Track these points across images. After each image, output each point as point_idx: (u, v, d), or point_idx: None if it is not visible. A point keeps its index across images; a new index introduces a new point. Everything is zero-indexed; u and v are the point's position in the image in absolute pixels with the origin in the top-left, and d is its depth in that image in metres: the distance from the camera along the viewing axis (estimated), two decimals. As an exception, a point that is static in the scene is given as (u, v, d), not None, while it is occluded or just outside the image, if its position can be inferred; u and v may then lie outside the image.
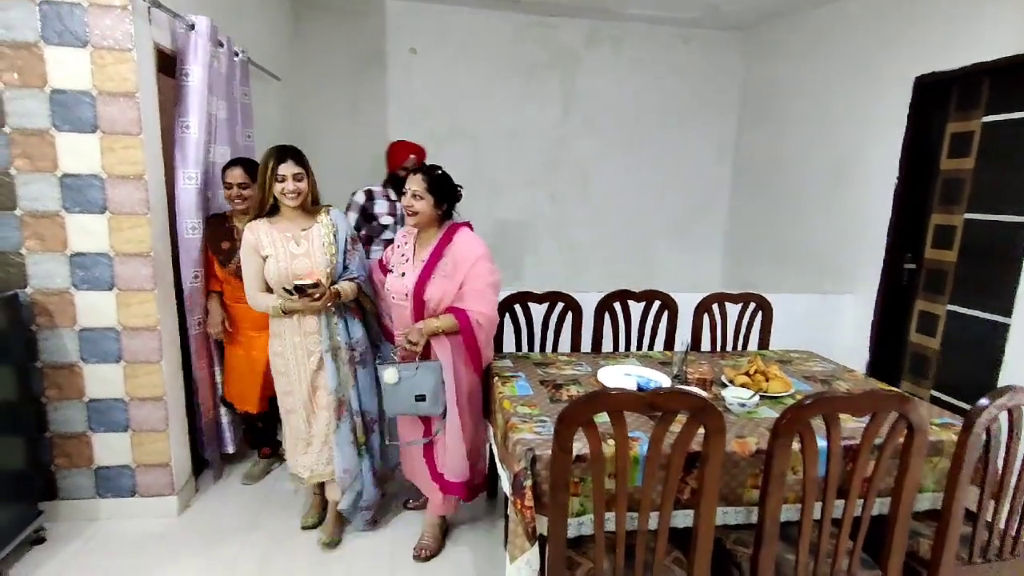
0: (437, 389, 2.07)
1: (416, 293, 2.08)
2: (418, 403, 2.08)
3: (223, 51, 2.61)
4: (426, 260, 2.10)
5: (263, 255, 2.08)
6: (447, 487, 2.19)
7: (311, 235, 2.13)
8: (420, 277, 2.08)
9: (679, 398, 1.33)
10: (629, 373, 2.16)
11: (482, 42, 4.53)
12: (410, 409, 2.10)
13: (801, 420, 1.34)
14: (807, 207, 4.15)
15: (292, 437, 2.26)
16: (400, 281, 2.13)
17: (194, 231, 2.42)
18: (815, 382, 2.20)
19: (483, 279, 2.07)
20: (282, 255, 2.08)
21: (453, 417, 2.12)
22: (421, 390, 2.06)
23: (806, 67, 4.17)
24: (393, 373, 2.04)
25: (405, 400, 2.08)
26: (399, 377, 2.04)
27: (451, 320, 2.04)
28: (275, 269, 2.07)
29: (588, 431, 1.33)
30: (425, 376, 2.06)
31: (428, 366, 2.06)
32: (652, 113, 4.84)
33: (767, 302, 2.76)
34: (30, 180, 2.12)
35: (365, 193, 2.96)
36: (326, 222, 2.16)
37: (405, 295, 2.11)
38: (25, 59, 2.04)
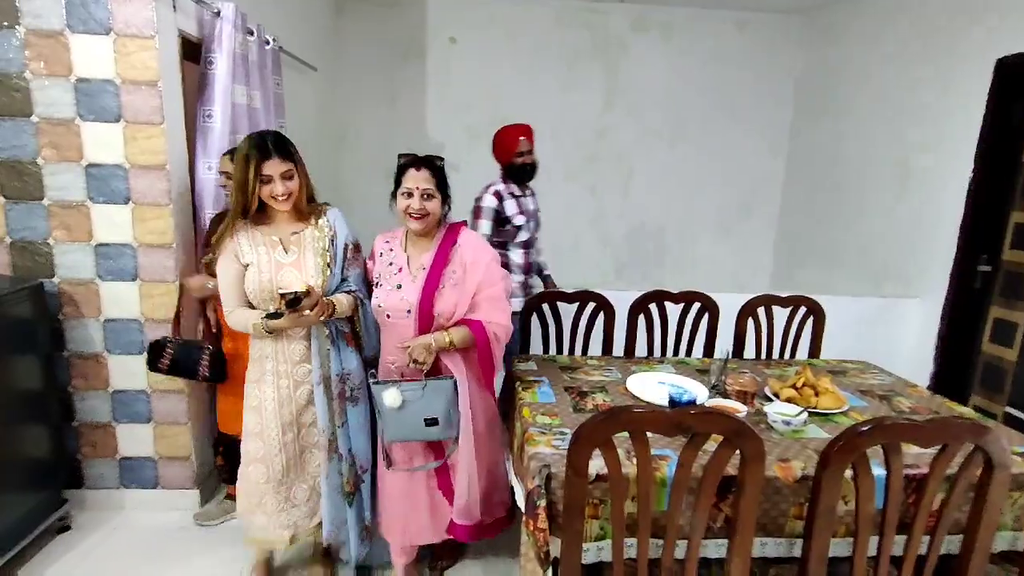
0: (450, 409, 1.75)
1: (423, 308, 1.77)
2: (429, 428, 1.74)
3: (253, 39, 2.57)
4: (428, 267, 1.80)
5: (243, 263, 1.73)
6: (450, 528, 1.89)
7: (303, 240, 1.78)
8: (426, 288, 1.78)
9: (711, 419, 1.17)
10: (662, 382, 2.00)
11: (523, 30, 4.39)
12: (419, 435, 1.78)
13: (856, 449, 1.16)
14: (868, 204, 3.84)
15: (251, 493, 1.83)
16: (397, 295, 1.79)
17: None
18: (872, 398, 1.98)
19: (498, 286, 1.83)
20: (265, 264, 1.73)
21: (467, 447, 1.80)
22: (432, 412, 1.73)
23: (870, 53, 3.85)
24: (395, 395, 1.69)
25: (411, 426, 1.75)
26: (403, 399, 1.71)
27: (465, 333, 1.77)
28: (256, 280, 1.72)
29: (606, 452, 1.19)
30: (435, 395, 1.72)
31: (438, 384, 1.73)
32: (700, 104, 4.59)
33: (819, 306, 2.53)
34: (57, 170, 2.12)
35: (494, 195, 2.58)
36: (322, 225, 1.81)
37: (407, 311, 1.78)
38: (52, 48, 2.03)
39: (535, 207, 2.73)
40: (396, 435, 1.78)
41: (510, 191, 2.62)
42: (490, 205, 2.57)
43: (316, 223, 1.81)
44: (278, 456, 1.81)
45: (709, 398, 1.86)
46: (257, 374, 1.80)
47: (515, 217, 2.59)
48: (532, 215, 2.68)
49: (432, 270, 1.80)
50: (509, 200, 2.59)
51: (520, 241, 2.63)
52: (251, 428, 1.81)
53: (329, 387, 1.81)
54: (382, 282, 1.85)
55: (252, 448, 1.82)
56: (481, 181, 4.55)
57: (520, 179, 2.64)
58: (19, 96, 2.05)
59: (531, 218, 2.66)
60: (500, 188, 2.61)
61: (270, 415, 1.79)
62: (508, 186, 2.63)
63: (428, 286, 1.78)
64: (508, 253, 2.63)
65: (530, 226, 2.65)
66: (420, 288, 1.78)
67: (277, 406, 1.79)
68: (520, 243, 2.63)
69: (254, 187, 1.66)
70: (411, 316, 1.78)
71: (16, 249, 2.17)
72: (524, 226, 2.61)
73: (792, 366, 2.29)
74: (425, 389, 1.72)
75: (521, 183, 2.66)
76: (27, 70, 2.04)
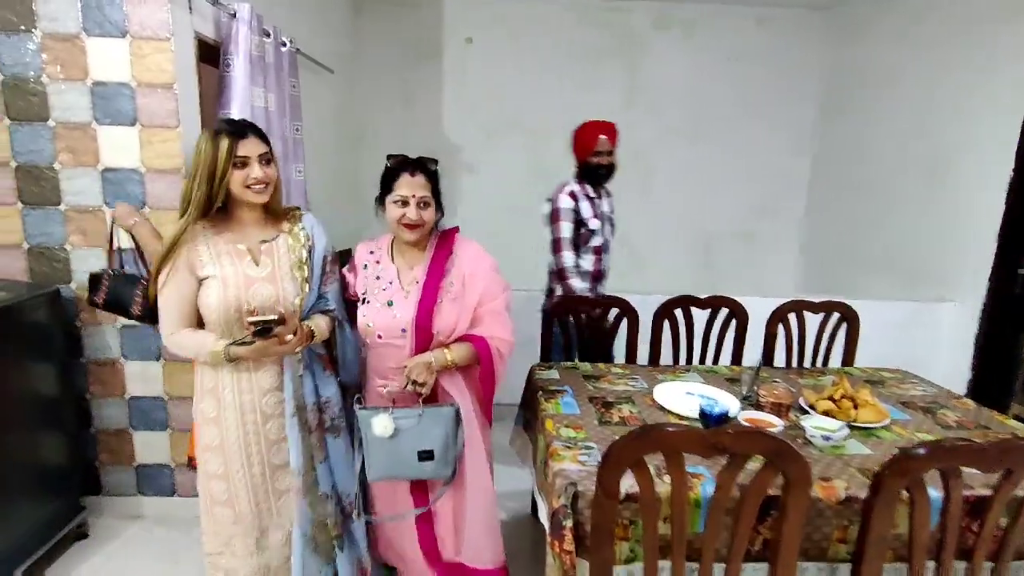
0: (448, 443, 1.56)
1: (420, 325, 1.58)
2: (423, 463, 1.54)
3: (269, 41, 2.53)
4: (423, 281, 1.62)
5: (200, 275, 1.44)
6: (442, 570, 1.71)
7: (275, 251, 1.51)
8: (422, 304, 1.59)
9: (751, 439, 1.09)
10: (691, 392, 1.92)
11: (541, 29, 4.32)
12: (410, 471, 1.57)
13: (911, 473, 1.08)
14: (899, 205, 3.70)
15: (218, 533, 1.58)
16: (388, 313, 1.60)
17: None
18: (914, 410, 1.87)
19: (501, 298, 1.67)
20: (232, 278, 1.44)
21: (481, 481, 1.65)
22: (427, 444, 1.53)
23: (901, 49, 3.71)
24: (386, 422, 1.50)
25: (403, 460, 1.54)
26: (395, 427, 1.50)
27: (467, 351, 1.60)
28: (221, 297, 1.43)
29: (638, 472, 1.12)
30: (433, 424, 1.54)
31: (438, 411, 1.55)
32: (722, 101, 4.48)
33: (853, 312, 2.43)
34: (74, 175, 2.10)
35: (570, 195, 2.46)
36: (298, 233, 1.55)
37: (401, 330, 1.59)
38: (68, 51, 2.01)
39: (610, 210, 2.63)
40: (383, 472, 1.58)
41: (584, 192, 2.50)
42: (567, 206, 2.45)
43: (291, 230, 1.55)
44: (246, 499, 1.55)
45: (741, 410, 1.78)
46: (213, 409, 1.51)
47: (590, 220, 2.47)
48: (606, 219, 2.57)
49: (428, 283, 1.62)
50: (584, 201, 2.48)
51: (592, 246, 2.50)
52: (212, 470, 1.54)
53: (304, 419, 1.55)
54: (369, 298, 1.64)
55: (216, 490, 1.55)
56: (497, 182, 4.51)
57: (594, 180, 2.52)
58: (36, 100, 2.03)
59: (605, 222, 2.55)
60: (575, 188, 2.50)
61: (234, 454, 1.52)
62: (583, 187, 2.52)
63: (424, 302, 1.60)
64: (578, 259, 2.51)
65: (604, 231, 2.54)
66: (416, 304, 1.60)
67: (243, 445, 1.52)
68: (592, 248, 2.51)
69: (225, 172, 1.37)
70: (406, 335, 1.60)
71: (33, 255, 2.15)
72: (598, 231, 2.49)
73: (826, 375, 2.19)
74: (422, 417, 1.54)
75: (596, 184, 2.54)
76: (44, 74, 2.02)
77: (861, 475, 1.43)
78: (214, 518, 1.58)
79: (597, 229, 2.49)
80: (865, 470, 1.46)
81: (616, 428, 1.67)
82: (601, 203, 2.56)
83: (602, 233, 2.52)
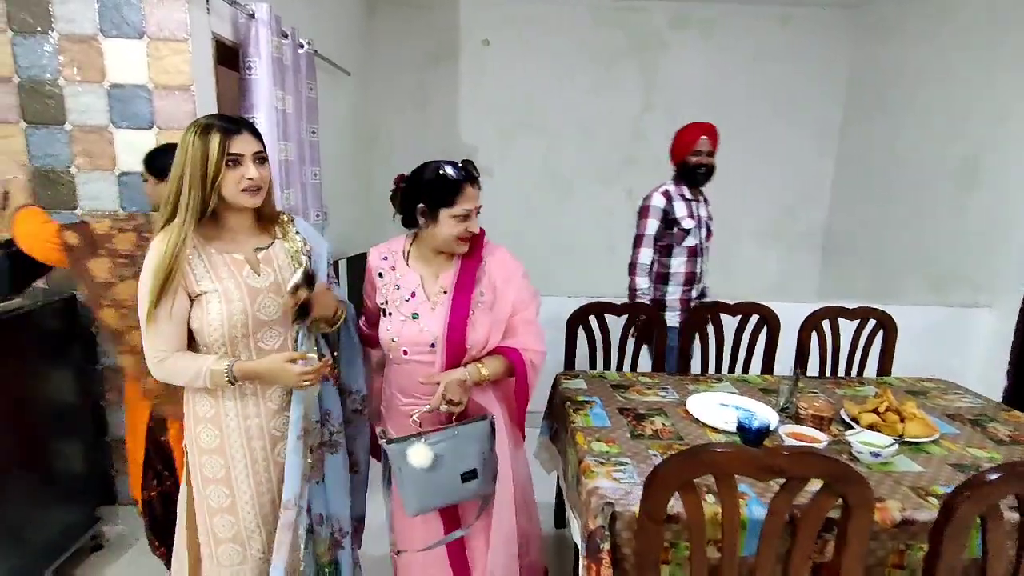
0: (486, 456, 1.44)
1: (452, 340, 1.44)
2: (467, 484, 1.41)
3: (287, 43, 2.49)
4: (451, 291, 1.48)
5: (195, 291, 1.27)
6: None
7: (273, 258, 1.36)
8: (454, 316, 1.45)
9: (810, 461, 1.01)
10: (725, 403, 1.84)
11: (558, 30, 4.25)
12: (454, 496, 1.44)
13: (986, 499, 0.99)
14: (928, 206, 3.59)
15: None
16: (415, 326, 1.46)
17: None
18: (963, 424, 1.78)
19: (532, 306, 1.56)
20: (234, 290, 1.28)
21: (504, 498, 1.51)
22: (469, 464, 1.40)
23: (930, 47, 3.61)
24: (423, 451, 1.35)
25: (445, 486, 1.40)
26: (434, 454, 1.36)
27: (500, 364, 1.49)
28: (222, 313, 1.26)
29: (686, 496, 1.05)
30: (469, 441, 1.41)
31: (473, 427, 1.42)
32: (743, 102, 4.38)
33: (890, 319, 2.33)
34: (90, 179, 2.06)
35: (663, 194, 2.46)
36: (293, 237, 1.41)
37: (429, 345, 1.46)
38: (85, 53, 1.97)
39: (707, 215, 2.58)
40: (426, 504, 1.43)
41: (680, 192, 2.49)
42: (658, 204, 2.45)
43: (285, 235, 1.41)
44: (257, 534, 1.39)
45: (780, 423, 1.70)
46: (214, 438, 1.35)
47: (684, 220, 2.45)
48: (703, 222, 2.53)
49: (458, 294, 1.48)
50: (679, 202, 2.47)
51: (686, 247, 2.48)
52: (217, 504, 1.37)
53: (307, 442, 1.39)
54: (391, 310, 1.51)
55: (220, 526, 1.38)
56: (513, 185, 4.44)
57: (692, 181, 2.47)
58: (52, 103, 2.00)
59: (701, 224, 2.51)
60: (670, 188, 2.49)
61: (242, 486, 1.37)
62: (679, 187, 2.50)
63: (456, 314, 1.46)
64: (670, 260, 2.50)
65: (699, 233, 2.50)
66: (446, 316, 1.46)
67: (251, 474, 1.37)
68: (686, 248, 2.48)
69: (217, 172, 1.21)
70: (436, 350, 1.46)
71: (49, 260, 2.11)
72: (692, 231, 2.47)
73: (864, 385, 2.10)
74: (458, 435, 1.40)
75: (692, 186, 2.50)
76: (61, 76, 1.99)
77: (915, 495, 1.35)
78: (216, 559, 1.39)
79: (692, 229, 2.46)
80: (918, 489, 1.37)
81: (650, 442, 1.60)
82: (698, 206, 2.52)
83: (696, 235, 2.48)
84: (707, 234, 2.57)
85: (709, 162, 2.46)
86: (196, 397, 1.35)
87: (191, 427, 1.37)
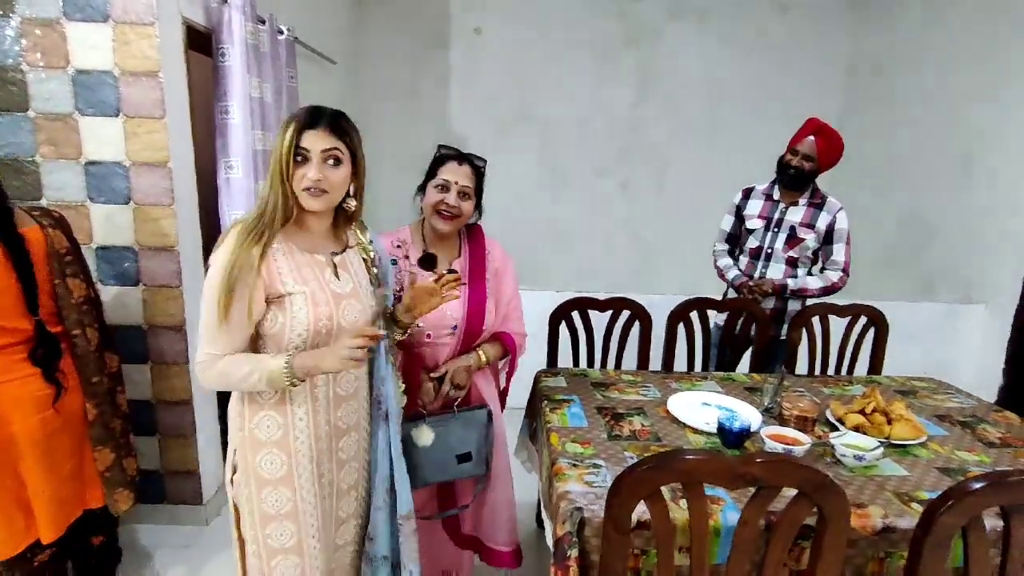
0: (482, 443, 1.57)
1: (471, 323, 1.55)
2: (461, 465, 1.55)
3: (264, 28, 2.42)
4: (466, 278, 1.57)
5: (280, 291, 1.17)
6: (495, 558, 1.68)
7: (349, 265, 1.30)
8: (473, 301, 1.55)
9: (785, 470, 0.96)
10: (707, 403, 1.78)
11: (552, 20, 4.17)
12: (449, 474, 1.56)
13: (969, 511, 0.94)
14: (924, 200, 3.53)
15: None
16: (439, 311, 1.46)
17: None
18: (952, 425, 1.72)
19: (518, 294, 1.69)
20: (319, 293, 1.20)
21: (503, 470, 1.67)
22: (464, 447, 1.53)
23: (929, 36, 3.53)
24: (427, 432, 1.50)
25: (443, 464, 1.53)
26: (434, 435, 1.50)
27: (498, 350, 1.62)
28: (312, 316, 1.18)
29: (653, 504, 0.99)
30: (467, 428, 1.55)
31: (471, 415, 1.56)
32: (740, 94, 4.31)
33: (881, 316, 2.27)
34: (55, 168, 1.99)
35: (744, 191, 2.42)
36: (367, 247, 1.36)
37: (452, 328, 1.55)
38: (49, 37, 1.90)
39: (803, 221, 2.31)
40: (428, 478, 1.54)
41: (767, 191, 2.38)
42: (735, 199, 2.45)
43: (359, 243, 1.36)
44: (316, 540, 1.27)
45: (763, 424, 1.64)
46: (282, 465, 1.22)
47: (750, 220, 2.36)
48: (783, 225, 2.32)
49: (474, 281, 1.57)
50: (757, 200, 2.39)
51: (748, 247, 2.39)
52: (280, 543, 1.24)
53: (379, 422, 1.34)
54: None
55: (278, 535, 1.24)
56: (507, 177, 4.36)
57: (784, 182, 2.31)
58: (15, 90, 1.93)
59: (779, 228, 2.32)
60: (760, 185, 2.42)
61: (310, 518, 1.25)
62: (769, 186, 2.38)
63: (475, 299, 1.56)
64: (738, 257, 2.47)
65: (768, 236, 2.34)
66: (466, 301, 1.55)
67: (315, 470, 1.25)
68: (748, 248, 2.39)
69: (287, 168, 1.14)
70: (455, 333, 1.55)
71: (16, 252, 2.05)
72: (757, 232, 2.35)
73: (853, 384, 2.04)
74: (456, 421, 1.54)
75: (787, 187, 2.32)
76: (24, 62, 1.91)
77: (898, 500, 1.29)
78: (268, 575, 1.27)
79: (757, 230, 2.36)
80: (902, 494, 1.32)
81: (627, 443, 1.54)
82: (787, 209, 2.33)
83: (763, 238, 2.35)
84: (788, 240, 2.32)
85: (802, 165, 2.24)
86: (256, 416, 1.21)
87: (247, 457, 1.22)
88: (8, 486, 1.47)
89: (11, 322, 1.44)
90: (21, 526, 1.50)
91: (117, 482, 1.70)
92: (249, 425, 1.21)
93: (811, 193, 2.33)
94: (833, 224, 2.29)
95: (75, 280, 1.60)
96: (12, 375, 1.45)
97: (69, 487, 1.59)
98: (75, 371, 1.59)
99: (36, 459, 1.49)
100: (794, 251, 2.32)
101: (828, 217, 2.29)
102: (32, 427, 1.47)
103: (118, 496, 1.71)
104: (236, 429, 1.23)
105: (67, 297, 1.57)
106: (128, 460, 1.78)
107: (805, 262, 2.35)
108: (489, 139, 4.29)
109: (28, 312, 1.47)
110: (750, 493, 1.02)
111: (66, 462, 1.57)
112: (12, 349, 1.46)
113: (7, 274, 1.42)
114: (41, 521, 1.52)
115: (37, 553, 1.56)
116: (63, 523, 1.57)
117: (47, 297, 1.53)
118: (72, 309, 1.58)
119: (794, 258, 2.33)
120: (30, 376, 1.48)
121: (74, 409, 1.59)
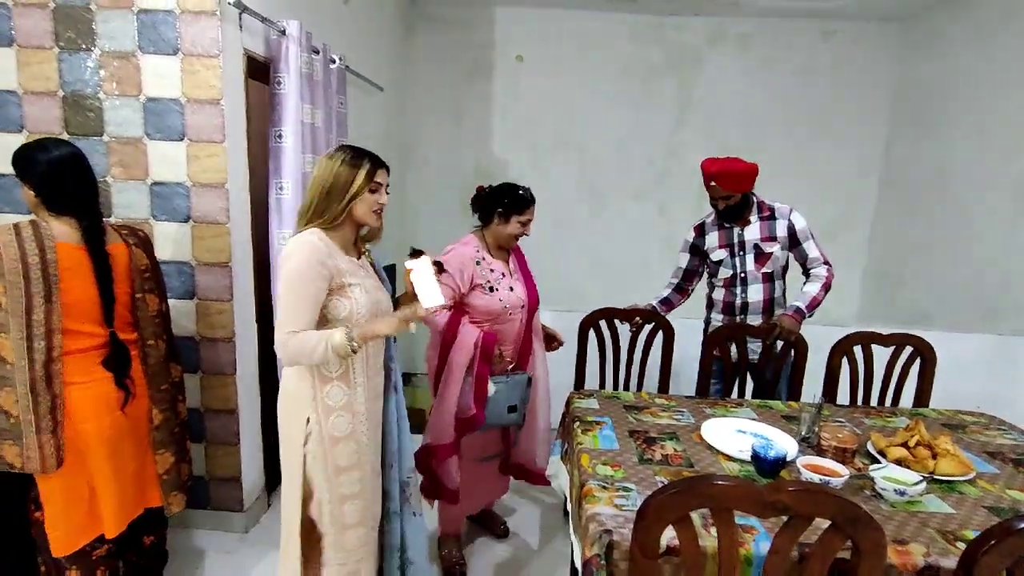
0: (523, 399, 2.11)
1: (532, 302, 2.15)
2: (510, 415, 2.10)
3: (318, 58, 2.55)
4: (518, 272, 2.18)
5: (344, 282, 1.48)
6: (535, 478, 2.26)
7: (366, 267, 1.64)
8: (530, 287, 2.17)
9: (817, 500, 0.95)
10: (743, 430, 1.76)
11: (593, 46, 4.24)
12: (502, 420, 2.10)
13: (1014, 552, 0.91)
14: (977, 228, 3.41)
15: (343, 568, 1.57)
16: (514, 295, 2.09)
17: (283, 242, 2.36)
18: (1004, 463, 1.66)
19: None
20: (368, 282, 1.56)
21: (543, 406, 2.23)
22: (513, 401, 2.08)
23: (980, 62, 3.44)
24: (491, 386, 2.03)
25: (499, 412, 2.07)
26: (495, 388, 2.03)
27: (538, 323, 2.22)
28: (370, 301, 1.52)
29: (681, 530, 1.00)
30: (515, 387, 2.08)
31: (517, 380, 2.09)
32: (781, 119, 4.27)
33: (929, 347, 2.20)
34: (124, 188, 2.14)
35: (696, 228, 2.49)
36: (372, 257, 1.70)
37: (521, 307, 2.12)
38: (124, 68, 2.06)
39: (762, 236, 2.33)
40: (490, 420, 2.05)
41: (715, 222, 2.42)
42: (688, 238, 2.51)
43: (367, 254, 1.68)
44: (372, 505, 1.65)
45: (799, 454, 1.61)
46: (347, 424, 1.54)
47: (713, 251, 2.39)
48: (747, 247, 2.33)
49: (526, 275, 2.20)
50: (712, 232, 2.42)
51: (722, 277, 2.40)
52: (349, 490, 1.55)
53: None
54: (496, 286, 2.06)
55: (351, 512, 1.56)
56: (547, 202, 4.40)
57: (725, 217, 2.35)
58: (92, 116, 2.09)
59: (744, 250, 2.34)
60: (707, 219, 2.48)
61: (364, 440, 1.58)
62: (718, 216, 2.40)
63: (531, 286, 2.18)
64: (712, 289, 2.47)
65: (735, 261, 2.35)
66: (524, 287, 2.15)
67: (369, 428, 1.60)
68: (721, 278, 2.40)
69: (357, 194, 1.47)
70: (523, 310, 2.12)
71: (85, 265, 2.20)
72: (725, 261, 2.36)
73: (897, 416, 1.98)
74: (508, 381, 2.06)
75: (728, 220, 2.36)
76: (101, 90, 2.08)
77: (942, 539, 1.25)
78: (343, 546, 1.56)
79: (724, 259, 2.37)
80: (947, 532, 1.28)
81: (658, 467, 1.54)
82: (743, 232, 2.35)
83: (731, 265, 2.36)
84: (757, 259, 2.32)
85: (727, 202, 2.28)
86: (326, 387, 1.51)
87: (320, 422, 1.51)
88: (78, 483, 1.59)
89: (89, 328, 1.58)
90: (87, 520, 1.61)
91: (173, 485, 1.81)
92: (320, 395, 1.51)
93: (757, 209, 2.35)
94: (792, 227, 2.32)
95: (152, 295, 1.74)
96: (88, 377, 1.58)
97: (133, 486, 1.70)
98: (143, 378, 1.72)
99: (104, 457, 1.60)
100: (766, 267, 2.33)
101: (784, 223, 2.32)
102: (103, 427, 1.59)
103: (173, 499, 1.81)
104: (308, 400, 1.50)
105: (144, 310, 1.71)
106: (183, 465, 1.88)
107: (779, 275, 2.37)
108: (529, 162, 4.37)
109: (104, 322, 1.59)
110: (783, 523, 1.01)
111: (131, 462, 1.68)
112: (89, 353, 1.59)
113: (90, 285, 1.56)
114: (107, 516, 1.63)
115: (96, 547, 1.65)
116: (125, 520, 1.68)
117: (124, 309, 1.67)
118: (148, 322, 1.72)
119: (768, 273, 2.34)
120: (103, 379, 1.61)
121: (139, 414, 1.71)
